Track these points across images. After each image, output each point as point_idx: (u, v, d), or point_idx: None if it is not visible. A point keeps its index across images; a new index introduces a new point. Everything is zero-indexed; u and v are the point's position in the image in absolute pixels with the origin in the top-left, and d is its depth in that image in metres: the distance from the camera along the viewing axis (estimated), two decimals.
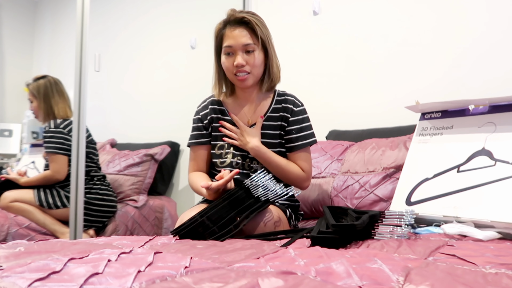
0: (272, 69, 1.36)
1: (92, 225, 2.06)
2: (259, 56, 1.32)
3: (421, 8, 1.82)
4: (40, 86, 2.11)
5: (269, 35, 1.36)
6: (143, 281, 0.57)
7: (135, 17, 3.20)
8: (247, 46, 1.30)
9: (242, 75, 1.31)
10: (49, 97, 2.10)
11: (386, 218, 1.01)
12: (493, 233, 0.99)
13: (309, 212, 1.64)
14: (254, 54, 1.31)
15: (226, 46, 1.31)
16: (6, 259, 0.70)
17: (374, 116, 1.92)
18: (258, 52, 1.31)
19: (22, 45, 4.33)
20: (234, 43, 1.29)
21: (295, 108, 1.39)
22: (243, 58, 1.30)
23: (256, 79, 1.36)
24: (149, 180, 2.45)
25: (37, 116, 2.17)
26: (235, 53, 1.30)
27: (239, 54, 1.29)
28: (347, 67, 2.05)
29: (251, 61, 1.30)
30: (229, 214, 1.09)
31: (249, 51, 1.30)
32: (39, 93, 2.10)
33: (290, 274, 0.61)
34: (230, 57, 1.31)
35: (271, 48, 1.36)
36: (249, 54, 1.31)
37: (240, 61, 1.28)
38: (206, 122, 1.43)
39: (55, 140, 2.02)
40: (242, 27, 1.31)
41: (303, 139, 1.37)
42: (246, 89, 1.38)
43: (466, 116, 1.30)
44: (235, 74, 1.31)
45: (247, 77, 1.32)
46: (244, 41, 1.29)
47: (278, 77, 1.39)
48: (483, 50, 1.64)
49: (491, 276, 0.62)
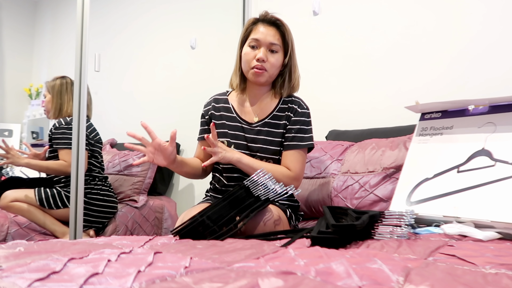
0: (294, 75, 1.42)
1: (92, 225, 2.06)
2: (279, 59, 1.38)
3: (421, 8, 1.82)
4: (57, 84, 2.19)
5: (294, 45, 1.42)
6: (143, 281, 0.57)
7: (135, 17, 3.20)
8: (273, 45, 1.36)
9: (259, 70, 1.35)
10: (63, 95, 2.17)
11: (386, 218, 1.01)
12: (493, 233, 0.99)
13: (309, 212, 1.64)
14: (276, 55, 1.36)
15: (253, 38, 1.36)
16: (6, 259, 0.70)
17: (374, 116, 1.92)
18: (280, 55, 1.38)
19: (22, 45, 4.34)
20: (262, 37, 1.35)
21: (299, 109, 1.41)
22: (266, 54, 1.35)
23: (270, 80, 1.40)
24: (149, 180, 2.45)
25: (47, 111, 2.23)
26: (259, 48, 1.35)
27: (263, 49, 1.34)
28: (347, 67, 2.05)
29: (272, 60, 1.36)
30: (229, 214, 1.09)
31: (272, 51, 1.36)
32: (53, 90, 2.18)
33: (290, 274, 0.61)
34: (253, 50, 1.36)
35: (294, 55, 1.42)
36: (272, 53, 1.36)
37: (262, 56, 1.34)
38: (208, 118, 1.48)
39: (65, 136, 2.05)
40: (273, 27, 1.37)
41: (299, 140, 1.38)
42: (258, 86, 1.41)
43: (466, 116, 1.30)
44: (252, 67, 1.35)
45: (263, 73, 1.36)
46: (271, 40, 1.35)
47: (297, 84, 1.45)
48: (482, 50, 1.64)
49: (491, 276, 0.62)
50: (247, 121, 1.42)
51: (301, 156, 1.39)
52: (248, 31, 1.40)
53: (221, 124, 1.43)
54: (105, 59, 2.49)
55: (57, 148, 2.08)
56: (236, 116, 1.43)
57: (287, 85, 1.41)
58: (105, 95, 3.24)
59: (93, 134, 2.16)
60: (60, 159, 2.07)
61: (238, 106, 1.45)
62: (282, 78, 1.42)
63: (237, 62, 1.44)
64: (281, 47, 1.37)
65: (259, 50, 1.35)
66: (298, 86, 1.46)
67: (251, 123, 1.42)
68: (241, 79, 1.44)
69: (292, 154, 1.38)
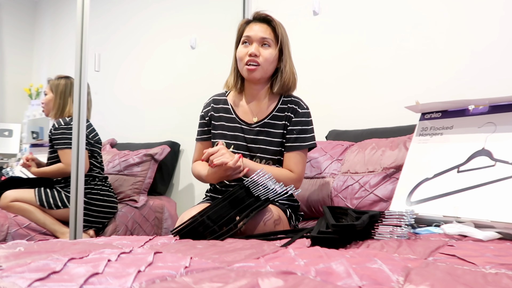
0: (285, 69, 1.40)
1: (92, 225, 2.06)
2: (273, 53, 1.37)
3: (421, 8, 1.81)
4: (61, 83, 2.18)
5: (287, 40, 1.41)
6: (143, 281, 0.57)
7: (135, 17, 3.20)
8: (264, 39, 1.36)
9: (253, 66, 1.35)
10: (66, 96, 2.17)
11: (386, 218, 1.01)
12: (493, 233, 0.99)
13: (309, 212, 1.64)
14: (269, 49, 1.36)
15: (245, 35, 1.38)
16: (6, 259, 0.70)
17: (374, 116, 1.92)
18: (273, 49, 1.37)
19: (22, 45, 4.34)
20: (253, 34, 1.36)
21: (300, 109, 1.40)
22: (258, 49, 1.35)
23: (265, 75, 1.39)
24: (149, 180, 2.45)
25: (47, 110, 2.22)
26: (251, 44, 1.36)
27: (255, 44, 1.35)
28: (347, 67, 2.05)
29: (265, 54, 1.36)
30: (229, 213, 1.09)
31: (265, 45, 1.37)
32: (57, 90, 2.18)
33: (290, 274, 0.61)
34: (245, 47, 1.37)
35: (286, 51, 1.41)
36: (264, 47, 1.36)
37: (254, 50, 1.34)
38: (207, 119, 1.47)
39: (66, 136, 2.05)
40: (264, 23, 1.38)
41: (301, 141, 1.38)
42: (254, 83, 1.41)
43: (466, 116, 1.30)
44: (246, 63, 1.35)
45: (257, 69, 1.35)
46: (262, 35, 1.36)
47: (291, 81, 1.41)
48: (482, 50, 1.64)
49: (491, 276, 0.62)
50: (246, 121, 1.42)
51: (303, 157, 1.40)
52: (240, 31, 1.41)
53: (220, 125, 1.43)
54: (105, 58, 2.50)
55: (57, 149, 2.07)
56: (235, 117, 1.43)
57: (279, 79, 1.39)
58: (105, 95, 3.24)
59: (92, 134, 2.16)
60: (60, 159, 2.07)
61: (237, 106, 1.45)
62: (277, 75, 1.41)
63: (233, 63, 1.45)
64: (273, 41, 1.37)
65: (252, 46, 1.36)
66: (295, 85, 1.43)
67: (250, 124, 1.41)
68: (238, 79, 1.44)
69: (295, 157, 1.38)
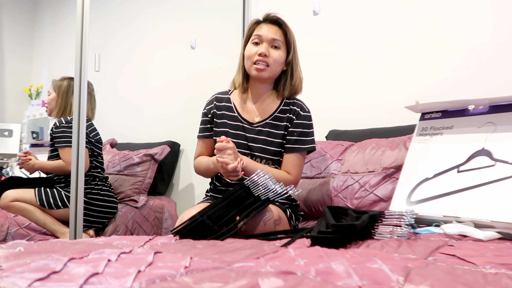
0: (295, 73, 1.43)
1: (92, 225, 2.06)
2: (282, 55, 1.39)
3: (421, 8, 1.81)
4: (64, 84, 2.21)
5: (295, 44, 1.43)
6: (143, 281, 0.57)
7: (135, 17, 3.20)
8: (274, 41, 1.38)
9: (262, 65, 1.36)
10: (69, 96, 2.18)
11: (386, 218, 1.01)
12: (493, 233, 0.99)
13: (309, 212, 1.64)
14: (279, 51, 1.38)
15: (256, 34, 1.39)
16: (6, 259, 0.70)
17: (374, 116, 1.92)
18: (282, 51, 1.39)
19: (22, 45, 4.34)
20: (264, 34, 1.38)
21: (302, 112, 1.41)
22: (268, 49, 1.37)
23: (272, 75, 1.40)
24: (149, 180, 2.45)
25: (49, 110, 2.24)
26: (261, 43, 1.38)
27: (265, 44, 1.37)
28: (347, 66, 2.05)
29: (275, 55, 1.37)
30: (229, 213, 1.09)
31: (275, 47, 1.38)
32: (59, 90, 2.20)
33: (290, 274, 0.61)
34: (256, 46, 1.38)
35: (295, 55, 1.43)
36: (274, 49, 1.38)
37: (264, 50, 1.36)
38: (210, 116, 1.48)
39: (65, 134, 2.05)
40: (275, 25, 1.41)
41: (301, 143, 1.39)
42: (260, 83, 1.42)
43: (466, 116, 1.30)
44: (255, 62, 1.36)
45: (265, 69, 1.37)
46: (273, 36, 1.38)
47: (299, 85, 1.45)
48: (483, 50, 1.64)
49: (491, 276, 0.62)
50: (249, 120, 1.43)
51: (302, 160, 1.41)
52: (251, 31, 1.42)
53: (222, 123, 1.44)
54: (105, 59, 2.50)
55: (58, 147, 2.08)
56: (237, 115, 1.44)
57: (288, 83, 1.42)
58: (105, 95, 3.24)
59: (93, 133, 2.17)
60: (60, 157, 2.07)
61: (240, 105, 1.46)
62: (285, 78, 1.43)
63: (240, 62, 1.46)
64: (283, 43, 1.39)
65: (262, 46, 1.37)
66: (301, 88, 1.46)
67: (252, 123, 1.42)
68: (244, 78, 1.45)
69: (293, 159, 1.39)
